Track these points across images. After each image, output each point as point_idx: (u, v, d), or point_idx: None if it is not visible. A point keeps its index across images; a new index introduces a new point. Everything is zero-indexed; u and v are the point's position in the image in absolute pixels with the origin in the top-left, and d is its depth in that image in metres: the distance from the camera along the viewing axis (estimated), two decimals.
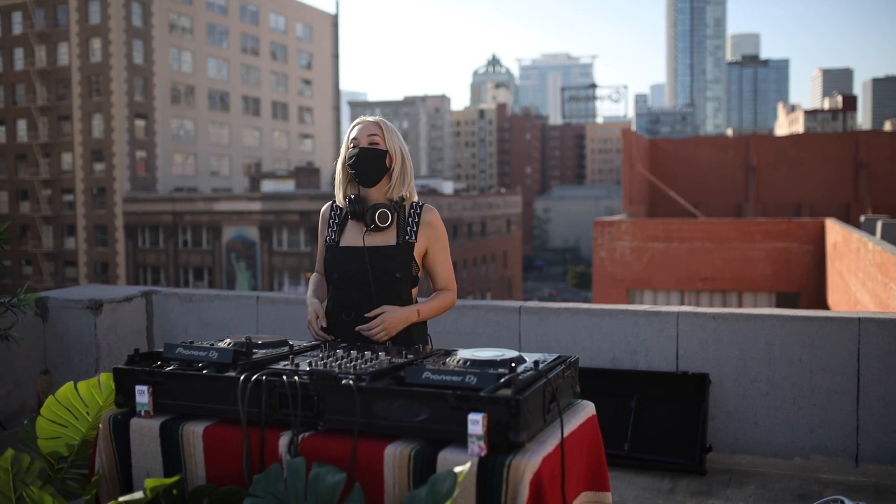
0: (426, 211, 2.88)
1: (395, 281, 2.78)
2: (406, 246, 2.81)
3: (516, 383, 1.91)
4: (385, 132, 2.82)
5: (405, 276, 2.79)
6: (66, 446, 2.31)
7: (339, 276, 2.81)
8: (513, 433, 1.85)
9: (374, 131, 2.80)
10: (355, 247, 2.79)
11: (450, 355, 2.31)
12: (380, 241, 2.80)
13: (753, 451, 4.54)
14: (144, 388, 2.18)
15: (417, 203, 2.90)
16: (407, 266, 2.79)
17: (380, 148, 2.79)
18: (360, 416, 1.97)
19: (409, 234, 2.83)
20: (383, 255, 2.78)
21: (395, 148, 2.82)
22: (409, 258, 2.80)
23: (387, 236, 2.81)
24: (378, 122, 2.84)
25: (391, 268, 2.77)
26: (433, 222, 2.87)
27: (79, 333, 5.59)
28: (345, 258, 2.81)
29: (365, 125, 2.83)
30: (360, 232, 2.81)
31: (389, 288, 2.78)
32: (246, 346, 2.26)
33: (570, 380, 2.25)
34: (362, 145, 2.78)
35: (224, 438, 2.10)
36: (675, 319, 4.70)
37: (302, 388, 2.04)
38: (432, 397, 1.92)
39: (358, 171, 2.79)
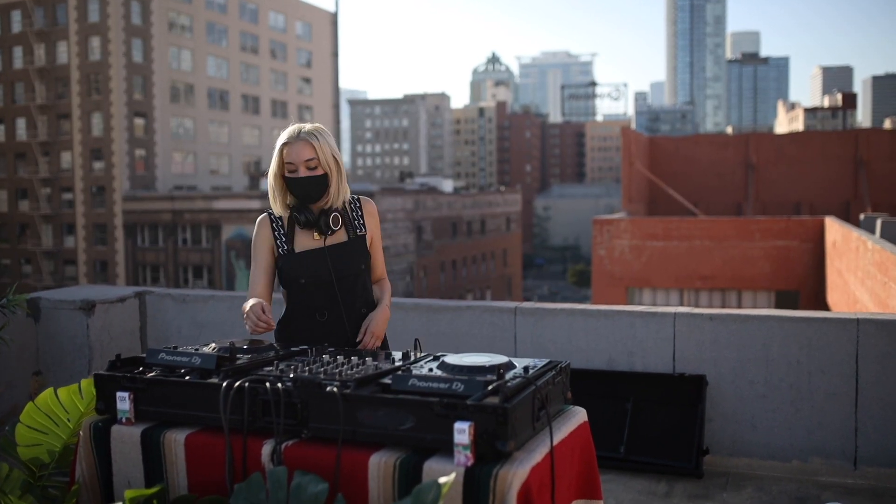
0: (366, 203, 2.97)
1: (360, 273, 2.87)
2: (358, 240, 2.90)
3: (504, 391, 1.86)
4: (319, 150, 2.79)
5: (367, 268, 2.91)
6: (48, 453, 2.26)
7: (305, 280, 2.82)
8: (500, 442, 1.80)
9: (309, 154, 2.77)
10: (315, 249, 2.82)
11: (438, 361, 2.26)
12: (334, 241, 2.86)
13: (751, 454, 4.50)
14: (126, 394, 2.14)
15: (354, 197, 2.97)
16: (366, 257, 2.90)
17: (317, 174, 2.79)
18: (345, 424, 1.93)
19: (358, 227, 2.92)
20: (344, 252, 2.85)
21: (329, 164, 2.81)
22: (365, 250, 2.91)
23: (338, 236, 2.87)
24: (309, 141, 2.78)
25: (354, 262, 2.85)
26: (373, 213, 2.98)
27: (71, 334, 5.54)
28: (307, 262, 2.82)
29: (299, 148, 2.77)
30: (311, 238, 2.84)
31: (356, 281, 2.86)
32: (230, 352, 2.21)
33: (560, 386, 2.21)
34: (301, 174, 2.77)
35: (206, 446, 2.05)
36: (672, 320, 4.65)
37: (285, 395, 1.99)
38: (418, 405, 1.88)
39: (301, 197, 2.81)
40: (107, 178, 57.48)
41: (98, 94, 57.86)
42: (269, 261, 2.91)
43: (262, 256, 2.92)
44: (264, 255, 2.91)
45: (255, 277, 2.94)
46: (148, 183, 59.27)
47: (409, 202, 50.15)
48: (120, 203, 56.09)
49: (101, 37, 57.48)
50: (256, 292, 2.90)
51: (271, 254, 2.90)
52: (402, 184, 65.16)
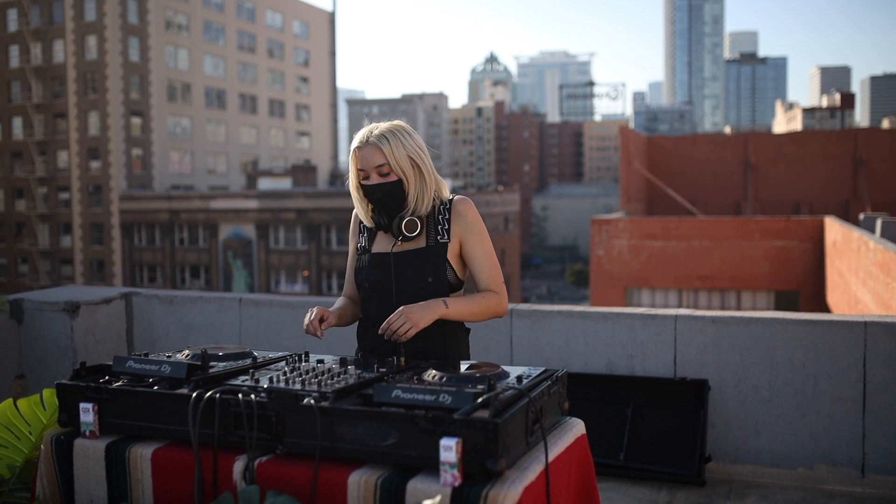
0: (458, 202, 2.62)
1: (427, 286, 2.52)
2: (437, 247, 2.56)
3: (495, 403, 1.71)
4: (391, 154, 2.51)
5: (438, 282, 2.53)
6: (7, 468, 2.11)
7: (369, 285, 2.60)
8: (490, 460, 1.65)
9: (380, 160, 2.51)
10: (384, 253, 2.58)
11: (426, 370, 2.11)
12: (410, 246, 2.58)
13: (755, 461, 4.35)
14: (89, 405, 1.99)
15: (448, 199, 2.63)
16: (439, 269, 2.54)
17: (391, 180, 2.52)
18: (323, 440, 1.77)
19: (441, 233, 2.57)
20: (412, 259, 2.54)
21: (406, 167, 2.53)
22: (442, 260, 2.54)
23: (417, 241, 2.57)
24: (379, 146, 2.51)
25: (421, 273, 2.53)
26: (464, 212, 2.59)
27: (55, 337, 5.39)
28: (373, 266, 2.59)
29: (369, 153, 2.52)
30: (389, 240, 2.60)
31: (420, 295, 2.50)
32: (202, 359, 2.06)
33: (556, 396, 2.06)
34: (373, 181, 2.53)
35: (175, 462, 1.90)
36: (673, 323, 4.51)
37: (259, 408, 1.84)
38: (401, 419, 1.72)
39: (376, 205, 2.58)
40: (103, 178, 57.29)
41: (95, 93, 57.68)
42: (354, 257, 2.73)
43: (351, 250, 2.74)
44: (352, 248, 2.74)
45: (347, 275, 2.77)
46: (145, 182, 59.09)
47: None
48: (117, 202, 55.91)
49: (98, 35, 57.30)
50: (346, 291, 2.76)
51: (356, 249, 2.72)
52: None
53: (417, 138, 2.60)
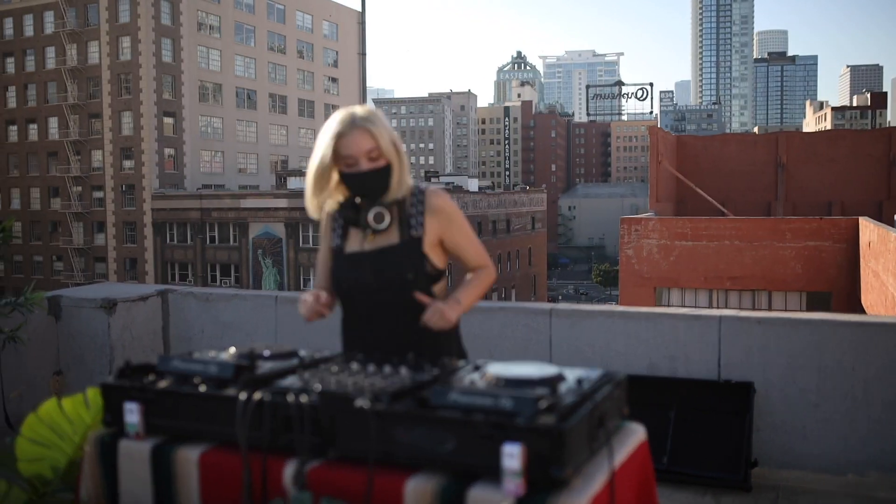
0: (431, 195, 2.51)
1: (408, 283, 2.43)
2: (412, 242, 2.46)
3: (560, 408, 1.63)
4: (379, 137, 2.40)
5: (419, 276, 2.45)
6: (51, 469, 2.07)
7: (347, 286, 2.49)
8: (555, 468, 1.57)
9: (370, 144, 2.39)
10: (359, 252, 2.47)
11: (479, 371, 2.04)
12: (383, 242, 2.47)
13: (802, 466, 4.23)
14: (135, 405, 1.93)
15: (418, 189, 2.53)
16: (418, 264, 2.45)
17: (380, 165, 2.42)
18: (377, 444, 1.71)
19: (415, 226, 2.47)
20: (390, 256, 2.44)
21: (391, 151, 2.43)
22: (419, 255, 2.45)
23: (389, 235, 2.47)
24: (368, 129, 2.40)
25: (400, 270, 2.43)
26: (441, 206, 2.50)
27: (92, 333, 5.39)
28: (350, 266, 2.48)
29: (357, 138, 2.39)
30: (360, 237, 2.49)
31: (404, 291, 2.43)
32: (249, 359, 2.00)
33: (617, 401, 1.97)
34: (363, 167, 2.40)
35: (222, 465, 1.84)
36: (718, 324, 4.40)
37: (310, 410, 1.77)
38: (460, 424, 1.65)
39: (362, 193, 2.45)
40: (136, 177, 57.93)
41: (128, 94, 58.34)
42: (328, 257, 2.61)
43: (323, 248, 2.62)
44: (325, 247, 2.61)
45: (320, 272, 2.65)
46: (176, 181, 59.64)
47: None
48: (149, 201, 56.50)
49: (132, 37, 57.94)
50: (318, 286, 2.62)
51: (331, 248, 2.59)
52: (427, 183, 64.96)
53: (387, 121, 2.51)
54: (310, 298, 2.45)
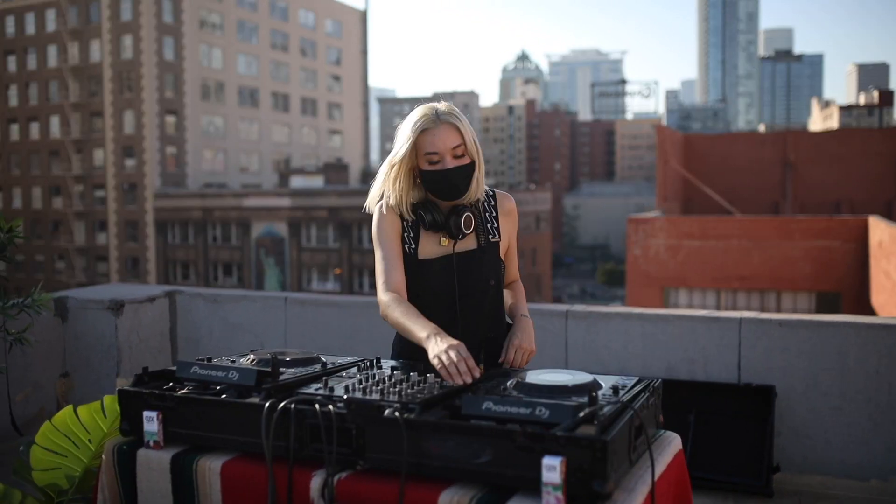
0: (502, 199, 2.44)
1: (489, 289, 2.34)
2: (491, 247, 2.37)
3: (600, 418, 1.56)
4: (464, 133, 2.28)
5: (498, 283, 2.38)
6: (66, 478, 2.00)
7: (426, 293, 2.32)
8: (598, 482, 1.50)
9: (457, 140, 2.26)
10: (441, 257, 2.32)
11: (509, 377, 1.96)
12: (461, 247, 2.34)
13: (824, 472, 4.15)
14: (153, 414, 1.86)
15: (490, 192, 2.43)
16: (498, 270, 2.38)
17: (465, 162, 2.28)
18: (408, 456, 1.63)
19: (492, 231, 2.38)
20: (473, 262, 2.33)
21: (474, 150, 2.31)
22: (498, 260, 2.38)
23: (466, 242, 2.35)
24: (454, 124, 2.26)
25: (483, 275, 2.33)
26: (512, 210, 2.47)
27: (99, 335, 5.32)
28: (431, 272, 2.32)
29: (443, 133, 2.25)
30: (435, 243, 2.33)
31: (484, 298, 2.33)
32: (272, 366, 1.92)
33: (653, 408, 1.90)
34: (448, 164, 2.25)
35: (246, 476, 1.77)
36: (738, 326, 4.32)
37: (338, 420, 1.70)
38: (496, 435, 1.58)
39: (445, 193, 2.30)
40: (138, 176, 57.89)
41: (130, 92, 58.29)
42: (400, 244, 2.37)
43: (392, 242, 2.35)
44: (394, 240, 2.35)
45: (389, 265, 2.33)
46: (179, 180, 59.60)
47: None
48: (151, 200, 56.46)
49: (134, 35, 57.90)
50: (394, 283, 2.30)
51: (401, 241, 2.36)
52: None
53: None
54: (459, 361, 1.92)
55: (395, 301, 2.23)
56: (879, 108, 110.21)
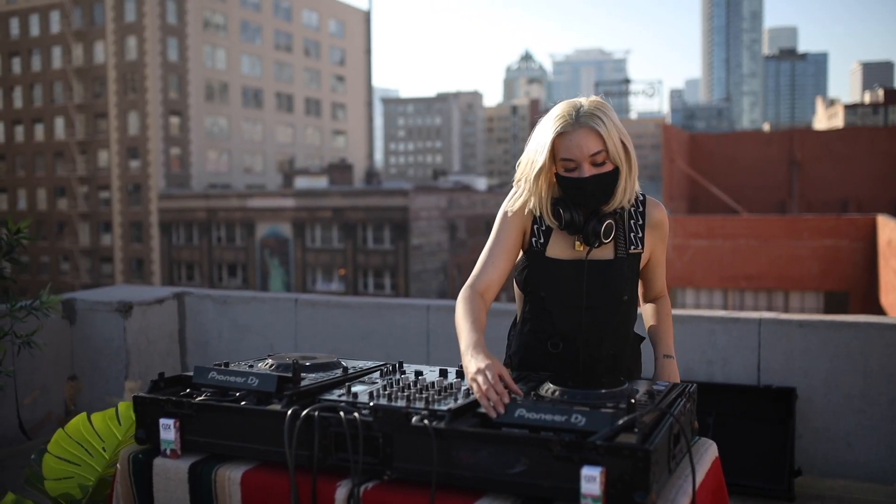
0: (652, 207, 2.20)
1: (622, 305, 2.14)
2: (631, 259, 2.16)
3: (641, 426, 1.49)
4: (609, 138, 2.04)
5: (632, 299, 2.18)
6: (79, 488, 1.93)
7: (546, 295, 2.14)
8: (640, 493, 1.43)
9: (597, 147, 2.03)
10: (572, 261, 2.13)
11: (540, 384, 1.89)
12: (595, 254, 2.13)
13: (847, 475, 4.07)
14: (170, 421, 1.80)
15: (639, 198, 2.20)
16: (634, 286, 2.17)
17: (607, 170, 2.06)
18: (439, 466, 1.56)
19: (635, 241, 2.16)
20: (606, 273, 2.12)
21: (620, 154, 2.06)
22: (636, 273, 2.18)
23: (603, 249, 2.14)
24: (595, 129, 2.04)
25: (616, 289, 2.12)
26: (662, 222, 2.21)
27: (107, 337, 5.27)
28: (558, 274, 2.12)
29: (581, 138, 2.03)
30: (569, 245, 2.14)
31: (614, 313, 2.14)
32: (293, 371, 1.86)
33: (689, 414, 1.83)
34: (585, 172, 2.04)
35: (267, 486, 1.70)
36: (757, 327, 4.24)
37: (364, 428, 1.63)
38: (531, 444, 1.51)
39: (580, 201, 2.09)
40: (143, 177, 57.92)
41: (134, 93, 58.33)
42: (517, 242, 2.18)
43: (510, 234, 2.17)
44: (513, 234, 2.17)
45: (486, 261, 2.15)
46: (183, 181, 59.61)
47: (443, 200, 49.82)
48: (155, 201, 56.46)
49: (138, 36, 57.92)
50: (482, 281, 2.13)
51: (521, 236, 2.18)
52: (435, 182, 64.86)
53: (616, 116, 2.12)
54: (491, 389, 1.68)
55: (465, 298, 2.07)
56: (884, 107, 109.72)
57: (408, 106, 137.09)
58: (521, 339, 2.25)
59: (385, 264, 46.99)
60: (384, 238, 46.88)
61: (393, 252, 46.54)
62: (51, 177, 62.09)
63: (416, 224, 46.60)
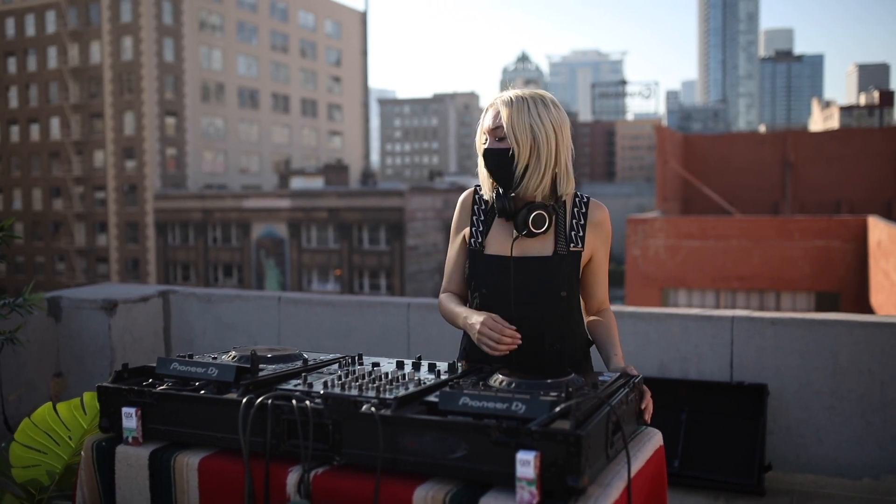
0: (594, 207, 2.26)
1: (560, 301, 2.20)
2: (571, 257, 2.21)
3: (576, 413, 1.55)
4: (507, 118, 2.16)
5: (572, 294, 2.23)
6: (47, 475, 1.99)
7: (487, 291, 2.23)
8: (572, 477, 1.49)
9: (496, 122, 2.18)
10: (506, 257, 2.21)
11: (490, 374, 1.96)
12: (534, 250, 2.20)
13: (817, 470, 4.15)
14: (132, 410, 1.86)
15: (583, 198, 2.28)
16: (571, 282, 2.21)
17: (502, 147, 2.17)
18: (385, 451, 1.63)
19: (575, 240, 2.22)
20: (541, 269, 2.19)
21: (521, 138, 2.14)
22: (574, 271, 2.22)
23: (543, 243, 2.21)
24: (502, 102, 2.19)
25: (551, 286, 2.18)
26: (603, 222, 2.27)
27: (92, 335, 5.32)
28: (494, 270, 2.21)
29: (493, 112, 2.21)
30: (507, 236, 2.22)
31: (552, 310, 2.19)
32: (251, 362, 1.92)
33: (633, 404, 1.90)
34: (489, 144, 2.20)
35: (223, 472, 1.77)
36: (730, 325, 4.31)
37: (314, 415, 1.70)
38: (471, 430, 1.57)
39: (492, 177, 2.22)
40: (138, 177, 57.91)
41: (130, 94, 58.32)
42: (464, 248, 2.32)
43: (456, 243, 2.33)
44: (458, 241, 2.33)
45: (448, 273, 2.36)
46: (179, 181, 59.61)
47: (439, 201, 49.89)
48: (151, 201, 56.46)
49: (134, 36, 57.92)
50: (456, 281, 2.34)
51: (465, 240, 2.32)
52: (431, 182, 64.91)
53: (556, 114, 2.20)
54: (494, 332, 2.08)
55: (443, 299, 2.34)
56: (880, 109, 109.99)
57: (404, 107, 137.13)
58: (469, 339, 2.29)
59: (381, 265, 47.04)
60: (380, 239, 46.93)
61: (389, 253, 46.60)
62: (46, 177, 62.04)
63: (412, 225, 46.66)
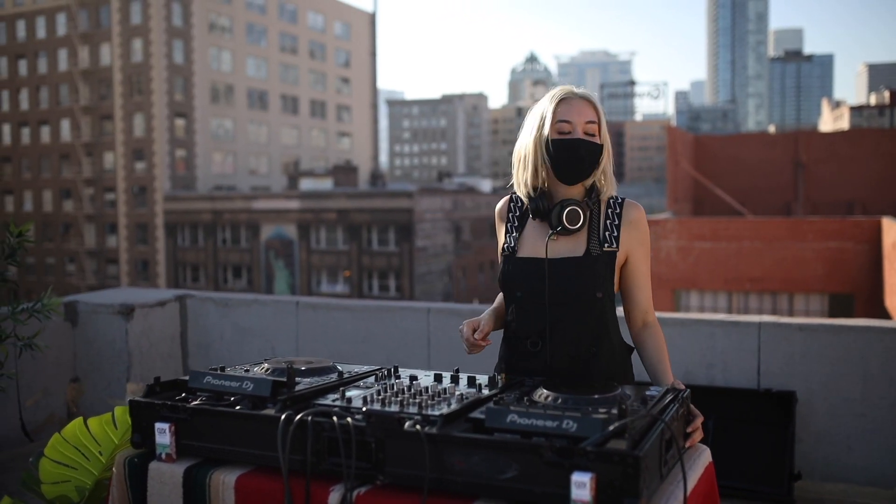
0: (629, 207, 2.24)
1: (595, 302, 2.15)
2: (603, 257, 2.17)
3: (632, 432, 1.49)
4: (601, 119, 2.20)
5: (608, 296, 2.18)
6: (76, 491, 1.94)
7: (522, 294, 2.20)
8: (629, 499, 1.43)
9: (592, 117, 2.17)
10: (538, 258, 2.18)
11: (533, 388, 1.90)
12: (567, 251, 2.18)
13: (847, 479, 4.07)
14: (166, 426, 1.81)
15: (618, 199, 2.26)
16: (605, 282, 2.15)
17: (596, 141, 2.18)
18: (431, 471, 1.57)
19: (609, 240, 2.18)
20: (574, 268, 2.15)
21: (606, 137, 2.22)
22: (608, 272, 2.17)
23: (576, 243, 2.18)
24: (591, 101, 2.20)
25: (584, 285, 2.13)
26: (639, 221, 2.23)
27: (109, 339, 5.29)
28: (525, 271, 2.19)
29: (581, 105, 2.18)
30: (541, 238, 2.20)
31: (587, 311, 2.15)
32: (287, 375, 1.87)
33: (682, 419, 1.83)
34: (578, 134, 2.16)
35: (261, 491, 1.71)
36: (757, 331, 4.24)
37: (357, 433, 1.64)
38: (522, 449, 1.51)
39: (568, 166, 2.17)
40: (148, 179, 58.05)
41: (140, 95, 58.47)
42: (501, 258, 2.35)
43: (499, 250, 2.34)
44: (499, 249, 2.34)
45: None
46: (188, 183, 59.73)
47: (448, 202, 49.83)
48: (161, 203, 56.58)
49: (143, 38, 58.08)
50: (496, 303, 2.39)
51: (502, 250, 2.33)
52: (440, 184, 64.89)
53: None
54: (467, 331, 2.21)
55: None
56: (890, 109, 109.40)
57: (413, 108, 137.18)
58: (507, 339, 2.30)
59: (390, 266, 47.00)
60: (389, 240, 46.89)
61: (398, 254, 46.56)
62: (56, 178, 62.26)
63: (421, 226, 46.60)
